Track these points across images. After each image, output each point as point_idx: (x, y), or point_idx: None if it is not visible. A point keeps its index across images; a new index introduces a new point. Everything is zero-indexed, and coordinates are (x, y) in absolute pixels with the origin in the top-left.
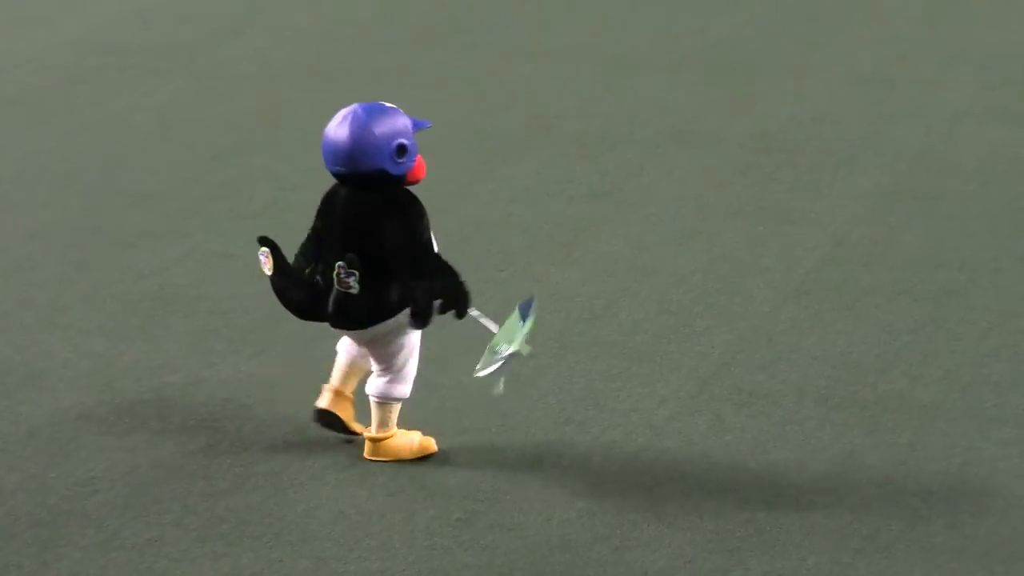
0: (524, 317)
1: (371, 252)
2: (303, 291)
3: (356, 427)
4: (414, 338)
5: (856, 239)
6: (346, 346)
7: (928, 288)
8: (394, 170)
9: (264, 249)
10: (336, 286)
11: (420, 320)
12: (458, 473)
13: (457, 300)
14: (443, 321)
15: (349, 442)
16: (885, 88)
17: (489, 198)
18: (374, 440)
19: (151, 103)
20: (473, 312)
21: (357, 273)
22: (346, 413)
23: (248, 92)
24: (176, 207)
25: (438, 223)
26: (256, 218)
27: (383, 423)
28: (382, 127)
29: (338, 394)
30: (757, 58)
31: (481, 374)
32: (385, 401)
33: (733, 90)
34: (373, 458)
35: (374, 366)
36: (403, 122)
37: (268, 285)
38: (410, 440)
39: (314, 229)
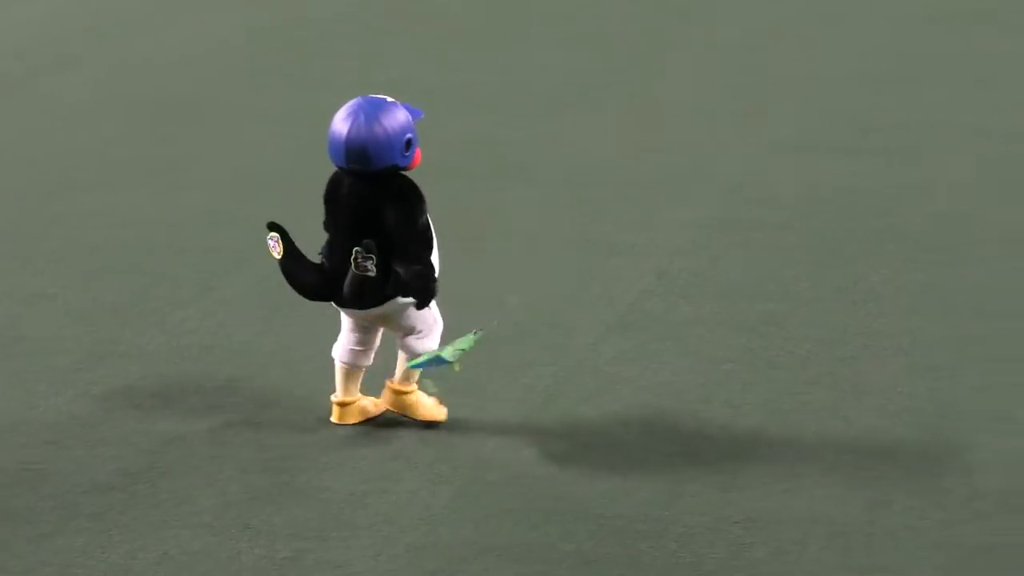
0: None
1: (382, 237)
2: (313, 274)
3: (372, 410)
4: (434, 309)
5: (678, 270)
6: (340, 353)
7: (748, 318)
8: (403, 163)
9: (273, 234)
10: (353, 269)
11: (393, 293)
12: (284, 511)
13: (424, 291)
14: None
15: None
16: (705, 121)
17: (324, 235)
18: (397, 392)
19: None
20: (434, 310)
21: (374, 257)
22: (357, 415)
23: (83, 126)
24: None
25: (265, 261)
26: (84, 255)
27: (408, 377)
28: (392, 123)
29: (343, 406)
30: (580, 93)
31: (409, 365)
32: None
33: (557, 125)
34: (394, 410)
35: (401, 333)
36: (406, 116)
37: (89, 323)
38: (427, 401)
39: (328, 214)
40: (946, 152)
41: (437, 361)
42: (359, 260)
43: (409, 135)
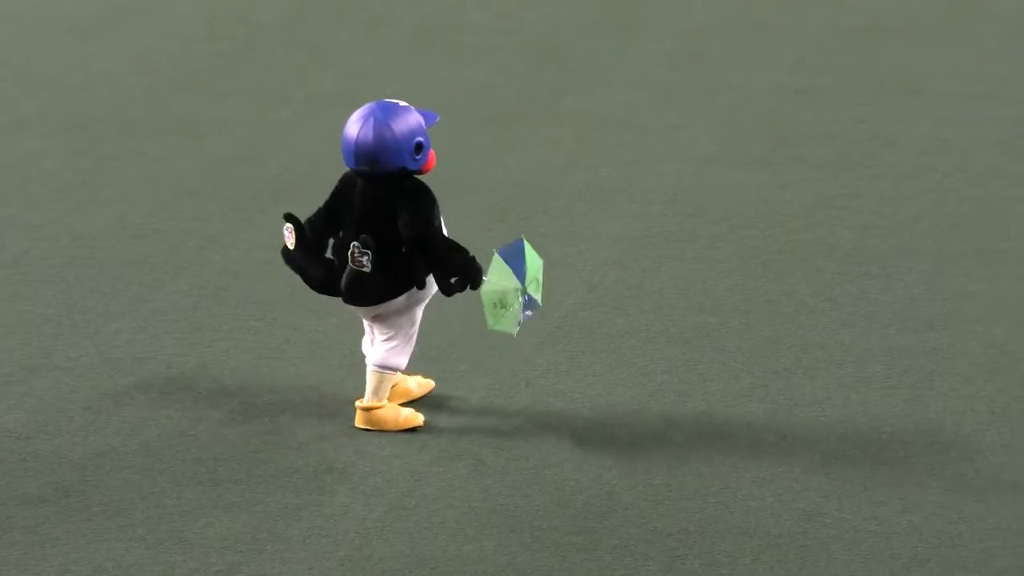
0: (511, 261)
1: (386, 236)
2: (323, 267)
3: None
4: (418, 314)
5: (610, 283)
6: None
7: (681, 330)
8: (412, 166)
9: (289, 225)
10: (350, 264)
11: (447, 294)
12: (218, 524)
13: (468, 275)
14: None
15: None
16: (635, 134)
17: (247, 247)
18: (365, 409)
19: None
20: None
21: (370, 253)
22: (407, 391)
23: None
24: None
25: (194, 272)
26: (6, 269)
27: (376, 392)
28: (401, 127)
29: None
30: (509, 105)
31: (511, 330)
32: (383, 370)
33: (484, 138)
34: (364, 427)
35: (378, 335)
36: (418, 120)
37: (20, 336)
38: (397, 412)
39: (327, 206)
40: (871, 164)
41: (528, 305)
42: (355, 255)
43: (419, 139)
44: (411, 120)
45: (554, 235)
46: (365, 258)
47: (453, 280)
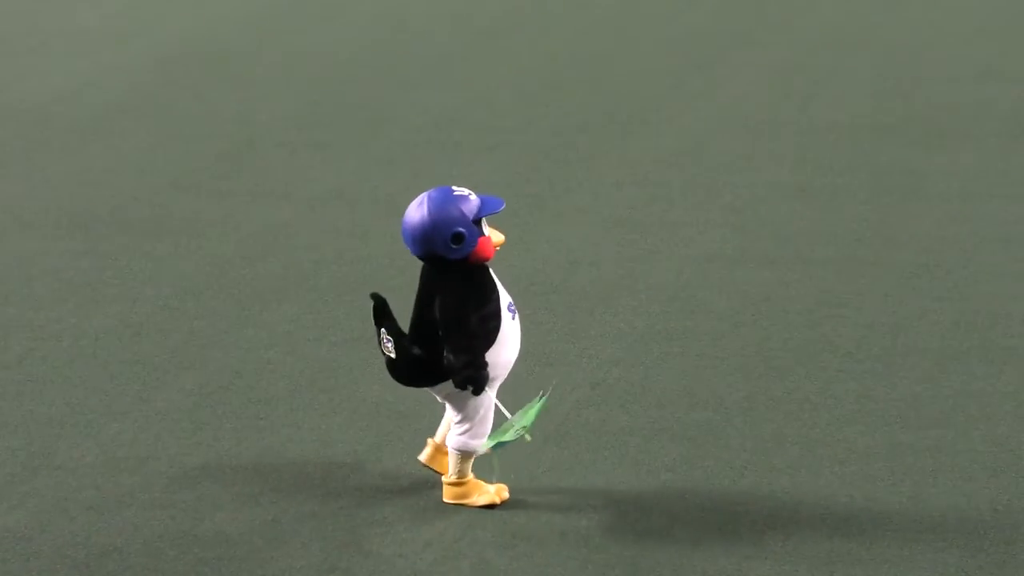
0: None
1: (429, 320)
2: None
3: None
4: (485, 397)
5: (613, 380)
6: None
7: (684, 427)
8: (450, 255)
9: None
10: (380, 349)
11: (455, 385)
12: None
13: (459, 382)
14: None
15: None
16: (637, 231)
17: (248, 345)
18: (450, 485)
19: None
20: (490, 394)
21: (393, 340)
22: (442, 465)
23: (0, 241)
24: None
25: (196, 371)
26: (9, 369)
27: (456, 470)
28: (439, 215)
29: (438, 449)
30: (511, 203)
31: (488, 447)
32: (458, 452)
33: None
34: (450, 502)
35: (452, 417)
36: (463, 209)
37: (23, 435)
38: (482, 489)
39: None
40: (873, 262)
41: (502, 442)
42: (383, 341)
43: (458, 229)
44: (454, 209)
45: (557, 332)
46: (389, 344)
47: (450, 373)
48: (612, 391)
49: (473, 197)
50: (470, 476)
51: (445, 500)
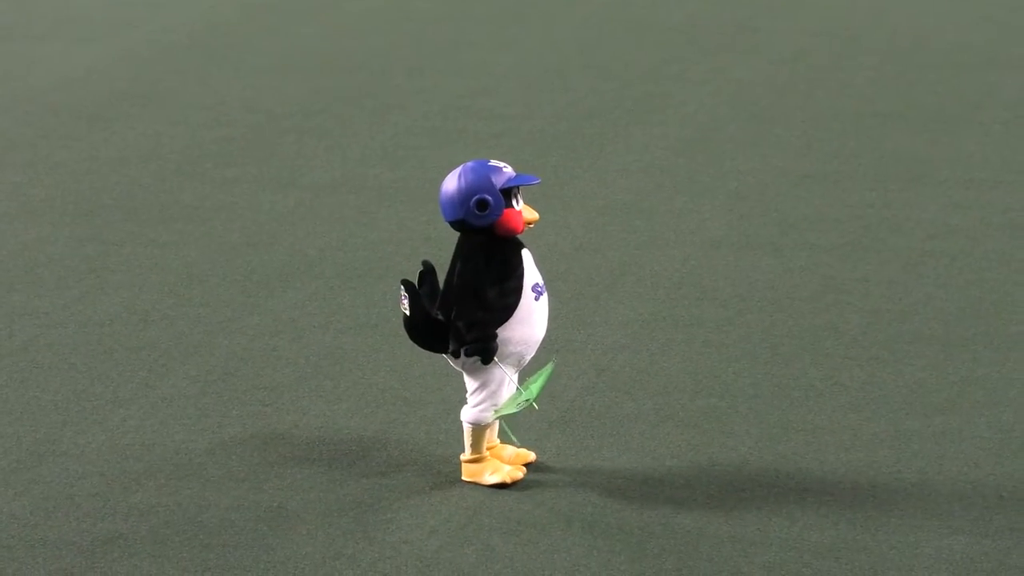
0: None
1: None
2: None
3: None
4: (498, 371)
5: (618, 367)
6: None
7: (689, 414)
8: (475, 222)
9: (404, 294)
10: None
11: (453, 354)
12: None
13: (475, 351)
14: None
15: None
16: (642, 218)
17: (254, 332)
18: (467, 462)
19: None
20: (502, 367)
21: (408, 296)
22: (500, 459)
23: (5, 229)
24: None
25: (202, 358)
26: (14, 356)
27: (473, 446)
28: (467, 182)
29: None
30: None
31: (501, 414)
32: (471, 424)
33: None
34: (468, 479)
35: (468, 390)
36: (491, 179)
37: (28, 422)
38: (496, 466)
39: None
40: (878, 249)
41: (510, 412)
42: (401, 296)
43: (483, 196)
44: (483, 178)
45: (562, 319)
46: (405, 300)
47: (453, 348)
48: (617, 377)
49: (508, 169)
50: (486, 453)
51: (464, 478)
